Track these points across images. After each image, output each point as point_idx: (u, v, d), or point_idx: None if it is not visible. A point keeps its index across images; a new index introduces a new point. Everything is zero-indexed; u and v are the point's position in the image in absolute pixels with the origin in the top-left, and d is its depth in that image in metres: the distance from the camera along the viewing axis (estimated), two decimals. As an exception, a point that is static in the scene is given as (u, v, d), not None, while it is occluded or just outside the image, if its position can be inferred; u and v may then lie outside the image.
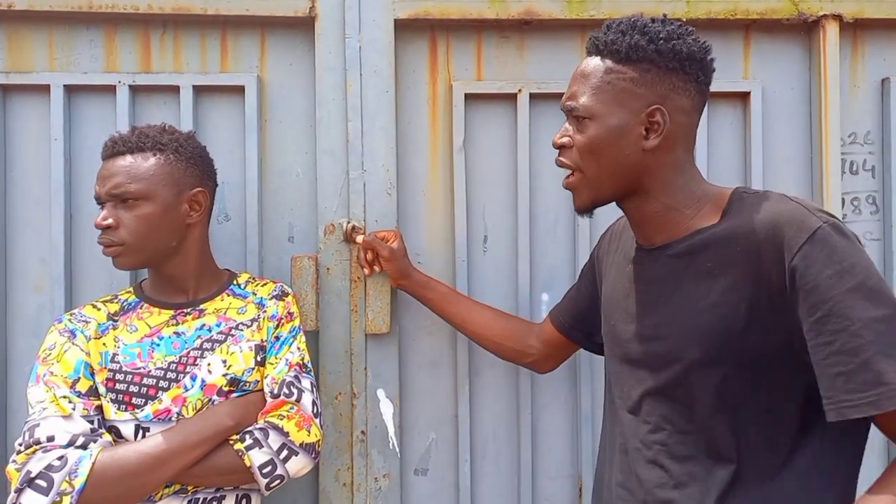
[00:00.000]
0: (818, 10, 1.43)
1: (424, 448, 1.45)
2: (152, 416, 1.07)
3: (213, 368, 1.11)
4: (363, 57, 1.39)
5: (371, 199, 1.39)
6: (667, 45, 0.88)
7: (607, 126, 0.90)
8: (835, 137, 1.44)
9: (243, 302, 1.21)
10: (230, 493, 1.11)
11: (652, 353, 0.93)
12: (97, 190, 1.12)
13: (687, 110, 0.91)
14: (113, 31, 1.41)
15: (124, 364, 1.09)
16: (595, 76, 0.92)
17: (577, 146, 0.93)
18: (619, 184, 0.94)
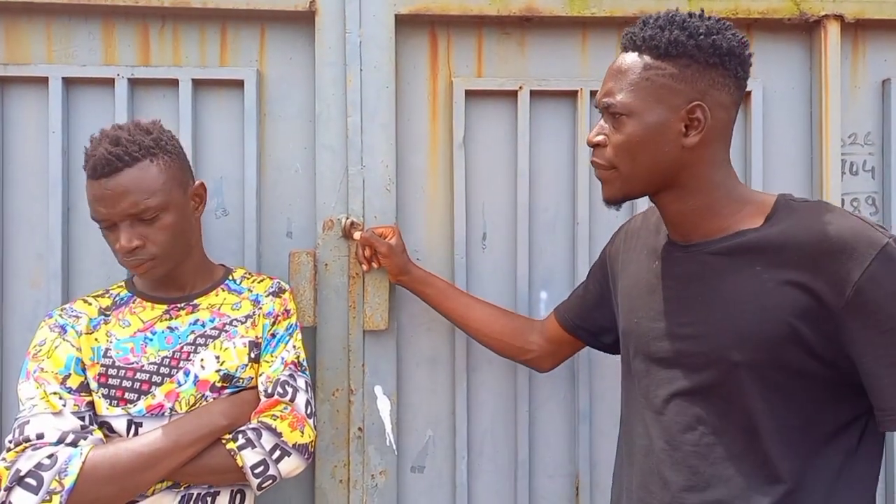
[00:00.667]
0: (819, 10, 1.43)
1: (421, 445, 1.45)
2: (145, 410, 1.06)
3: (206, 364, 1.11)
4: (363, 52, 1.38)
5: (370, 195, 1.39)
6: (707, 40, 0.87)
7: (646, 123, 0.89)
8: (835, 138, 1.44)
9: (238, 298, 1.20)
10: (224, 489, 1.11)
11: (687, 351, 0.91)
12: (103, 212, 1.04)
13: (726, 106, 0.90)
14: (112, 23, 1.40)
15: (117, 359, 1.08)
16: (633, 72, 0.89)
17: (614, 144, 0.92)
18: (655, 180, 0.92)
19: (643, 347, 0.98)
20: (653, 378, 0.96)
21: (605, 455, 1.45)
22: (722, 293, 0.89)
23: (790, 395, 0.85)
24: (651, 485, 0.94)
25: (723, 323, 0.87)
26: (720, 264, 0.90)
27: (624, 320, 1.04)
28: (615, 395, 1.45)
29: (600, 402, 1.46)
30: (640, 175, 0.92)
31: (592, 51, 1.46)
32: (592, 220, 1.45)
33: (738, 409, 0.87)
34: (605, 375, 1.46)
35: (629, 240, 1.10)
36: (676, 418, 0.92)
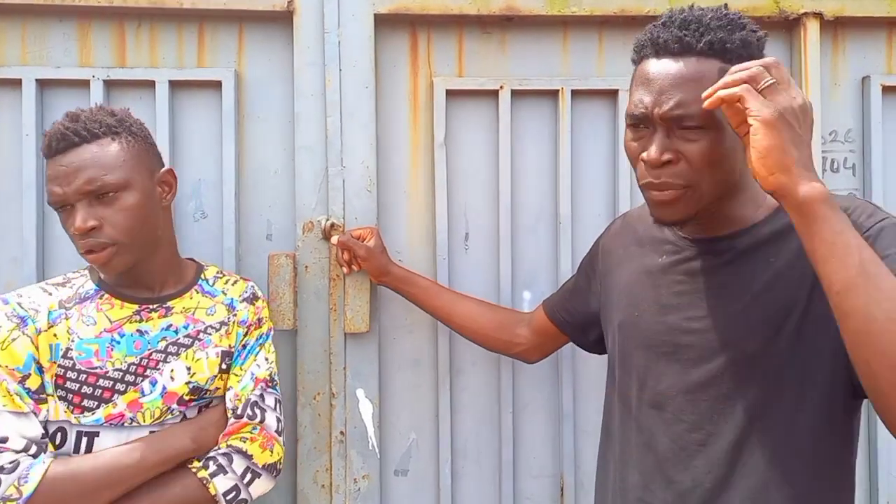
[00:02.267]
0: (799, 7, 1.43)
1: (405, 448, 1.43)
2: (104, 420, 1.00)
3: (175, 375, 1.05)
4: (342, 52, 1.37)
5: (350, 196, 1.38)
6: (762, 39, 0.85)
7: (728, 133, 0.81)
8: (815, 135, 1.44)
9: (212, 301, 1.13)
10: None
11: (696, 346, 0.89)
12: (58, 191, 0.97)
13: None
14: (87, 24, 1.38)
15: (78, 361, 1.00)
16: (707, 79, 0.80)
17: (693, 159, 0.82)
18: (726, 189, 0.86)
19: (645, 341, 0.96)
20: (654, 373, 0.94)
21: (589, 455, 1.44)
22: (734, 286, 0.88)
23: (797, 390, 0.84)
24: (652, 484, 0.93)
25: (736, 315, 0.87)
26: (733, 258, 0.89)
27: (621, 314, 1.01)
28: (598, 395, 1.43)
29: (584, 403, 1.45)
30: (717, 187, 0.85)
31: (573, 50, 1.45)
32: (575, 219, 1.44)
33: (745, 408, 0.86)
34: (589, 375, 1.46)
35: (624, 234, 1.08)
36: (682, 416, 0.90)
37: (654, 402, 0.94)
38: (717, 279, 0.90)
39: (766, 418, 0.85)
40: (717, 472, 0.87)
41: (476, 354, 1.41)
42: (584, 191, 1.46)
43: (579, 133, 1.44)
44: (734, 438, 0.86)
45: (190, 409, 1.08)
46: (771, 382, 0.85)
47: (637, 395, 0.96)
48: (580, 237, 1.44)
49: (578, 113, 1.44)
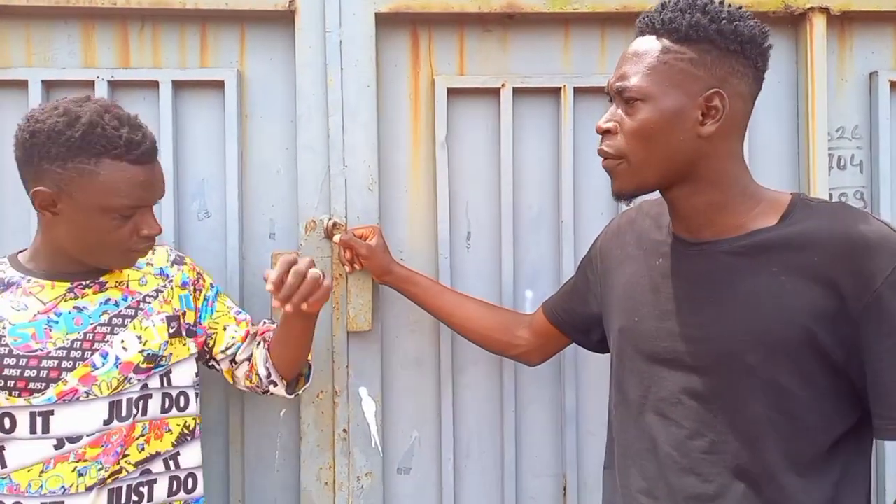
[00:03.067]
0: (805, 2, 1.41)
1: (407, 447, 1.44)
2: (56, 398, 0.99)
3: (127, 345, 1.05)
4: (344, 51, 1.37)
5: (352, 195, 1.38)
6: (729, 25, 0.84)
7: (661, 109, 0.85)
8: (822, 132, 1.42)
9: (140, 273, 1.13)
10: (162, 476, 1.08)
11: (696, 353, 0.88)
12: (146, 197, 1.02)
13: (744, 96, 0.87)
14: (91, 26, 1.39)
15: (14, 347, 0.98)
16: (650, 56, 0.86)
17: (626, 131, 0.87)
18: (668, 171, 0.88)
19: (645, 347, 0.94)
20: (655, 379, 0.93)
21: (591, 455, 1.44)
22: (736, 294, 0.86)
23: (798, 405, 0.83)
24: (656, 490, 0.92)
25: (737, 325, 0.85)
26: (734, 264, 0.87)
27: (621, 319, 1.00)
28: (602, 395, 1.43)
29: (587, 402, 1.45)
30: (653, 165, 0.87)
31: (575, 47, 1.44)
32: (577, 217, 1.44)
33: (747, 417, 0.85)
34: (592, 375, 1.45)
35: (622, 234, 1.07)
36: (684, 422, 0.89)
37: (655, 408, 0.93)
38: (716, 285, 0.88)
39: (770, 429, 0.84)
40: (718, 481, 0.86)
41: (478, 354, 1.41)
42: (587, 189, 1.45)
43: (582, 131, 1.43)
44: (736, 448, 0.85)
45: (151, 378, 1.08)
46: (773, 395, 0.83)
47: (639, 401, 0.95)
48: (582, 236, 1.43)
49: (581, 111, 1.43)
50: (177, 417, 1.11)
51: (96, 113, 0.98)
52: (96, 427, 1.02)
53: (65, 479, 1.00)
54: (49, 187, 0.98)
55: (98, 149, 0.97)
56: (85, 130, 0.97)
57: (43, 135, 0.97)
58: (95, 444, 1.02)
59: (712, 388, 0.87)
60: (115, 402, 1.04)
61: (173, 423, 1.10)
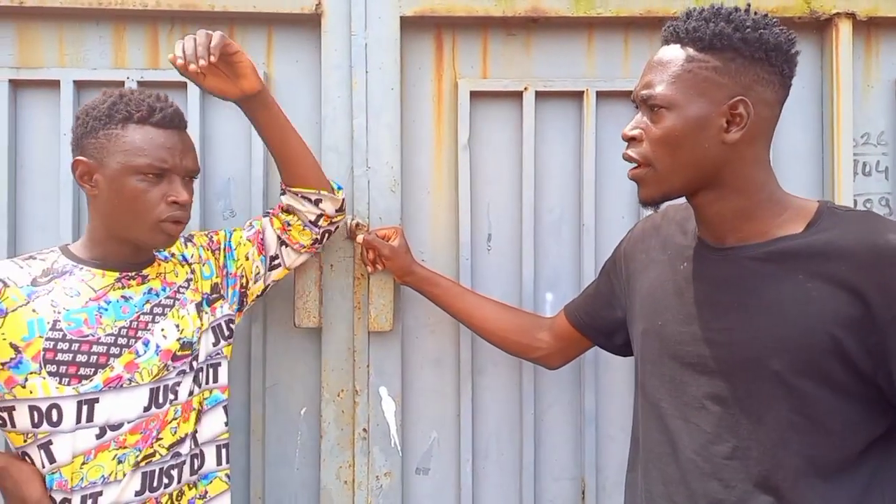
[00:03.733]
0: (831, 8, 1.41)
1: (426, 447, 1.45)
2: (102, 385, 1.02)
3: (167, 333, 1.09)
4: (369, 54, 1.39)
5: (375, 196, 1.39)
6: (754, 33, 0.85)
7: (686, 116, 0.86)
8: (847, 138, 1.42)
9: (171, 264, 1.18)
10: (188, 456, 1.10)
11: (720, 358, 0.88)
12: (169, 160, 1.04)
13: (770, 103, 0.88)
14: (122, 27, 1.42)
15: (69, 331, 1.01)
16: (675, 64, 0.88)
17: (651, 138, 0.89)
18: (693, 178, 0.89)
19: (669, 351, 0.94)
20: (679, 383, 0.93)
21: (611, 458, 1.44)
22: (761, 299, 0.86)
23: (823, 412, 0.82)
24: (676, 496, 0.91)
25: (762, 330, 0.85)
26: (760, 270, 0.87)
27: (645, 322, 1.00)
28: (622, 399, 1.44)
29: (606, 405, 1.45)
30: (679, 171, 0.89)
31: (598, 51, 1.45)
32: (598, 221, 1.44)
33: (770, 423, 0.84)
34: (612, 378, 1.45)
35: (647, 239, 1.07)
36: (706, 427, 0.89)
37: (678, 412, 0.93)
38: (741, 290, 0.88)
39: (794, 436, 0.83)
40: (741, 486, 0.86)
41: (498, 355, 1.41)
42: (608, 193, 1.45)
43: (604, 135, 1.44)
44: (759, 453, 0.85)
45: (184, 364, 1.11)
46: (797, 401, 0.83)
47: (662, 405, 0.95)
48: (603, 239, 1.43)
49: (603, 115, 1.43)
50: (199, 395, 1.14)
51: (127, 90, 1.10)
52: (137, 414, 1.04)
53: (105, 469, 1.02)
54: (86, 158, 1.06)
55: (123, 114, 1.05)
56: (113, 101, 1.06)
57: (83, 114, 1.07)
58: (135, 431, 1.04)
59: (736, 392, 0.87)
60: (154, 389, 1.07)
61: (196, 401, 1.13)
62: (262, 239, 1.28)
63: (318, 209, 1.26)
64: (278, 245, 1.29)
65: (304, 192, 1.25)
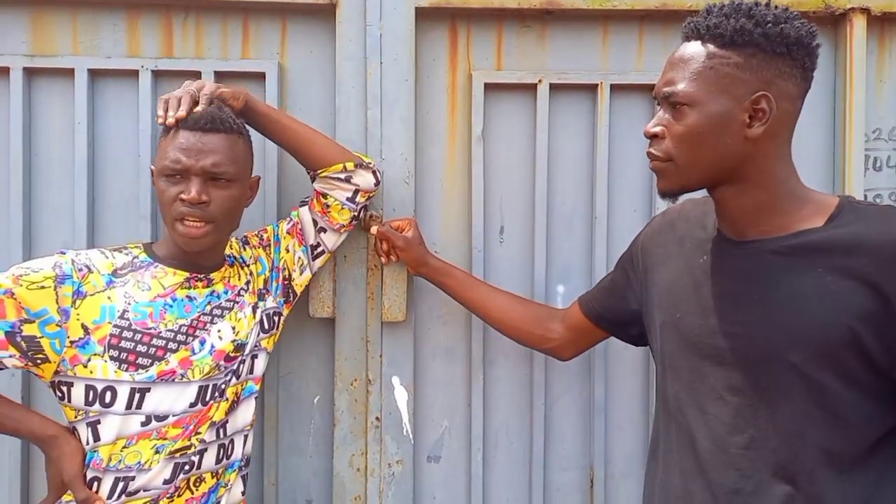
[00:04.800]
0: (845, 3, 1.41)
1: (437, 436, 1.47)
2: (156, 376, 1.06)
3: (223, 335, 1.14)
4: (383, 45, 1.39)
5: (389, 187, 1.40)
6: (775, 28, 0.85)
7: (708, 113, 0.87)
8: (859, 133, 1.42)
9: (236, 269, 1.23)
10: (211, 445, 1.13)
11: (739, 350, 0.89)
12: (185, 161, 1.06)
13: (792, 97, 0.88)
14: (136, 16, 1.42)
15: (134, 322, 1.07)
16: (696, 61, 0.88)
17: (673, 135, 0.90)
18: (715, 173, 0.90)
19: (688, 343, 0.95)
20: (697, 375, 0.94)
21: (620, 448, 1.46)
22: (781, 292, 0.87)
23: (839, 404, 0.84)
24: (693, 485, 0.93)
25: (781, 323, 0.86)
26: (780, 263, 0.88)
27: (663, 314, 1.01)
28: (631, 389, 1.46)
29: (616, 396, 1.47)
30: (701, 167, 0.90)
31: (613, 44, 1.45)
32: (610, 214, 1.45)
33: (787, 414, 0.86)
34: (622, 369, 1.47)
35: (665, 232, 1.08)
36: (724, 418, 0.90)
37: (696, 403, 0.94)
38: (761, 283, 0.89)
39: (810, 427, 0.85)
40: (758, 476, 0.87)
41: (509, 346, 1.43)
42: (621, 186, 1.46)
43: (617, 128, 1.44)
44: (776, 444, 0.86)
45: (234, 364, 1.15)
46: (815, 393, 0.84)
47: (680, 396, 0.96)
48: (616, 233, 1.44)
49: (617, 108, 1.44)
50: (234, 386, 1.16)
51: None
52: (183, 408, 1.09)
53: (143, 455, 1.06)
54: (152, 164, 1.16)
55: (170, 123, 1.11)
56: None
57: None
58: (178, 425, 1.08)
59: (753, 384, 0.88)
60: (203, 387, 1.11)
61: (230, 391, 1.15)
62: (301, 230, 1.31)
63: (351, 185, 1.27)
64: (316, 233, 1.31)
65: (330, 174, 1.26)
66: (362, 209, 1.33)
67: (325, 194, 1.29)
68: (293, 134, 1.26)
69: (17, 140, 1.38)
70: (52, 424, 1.09)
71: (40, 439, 1.07)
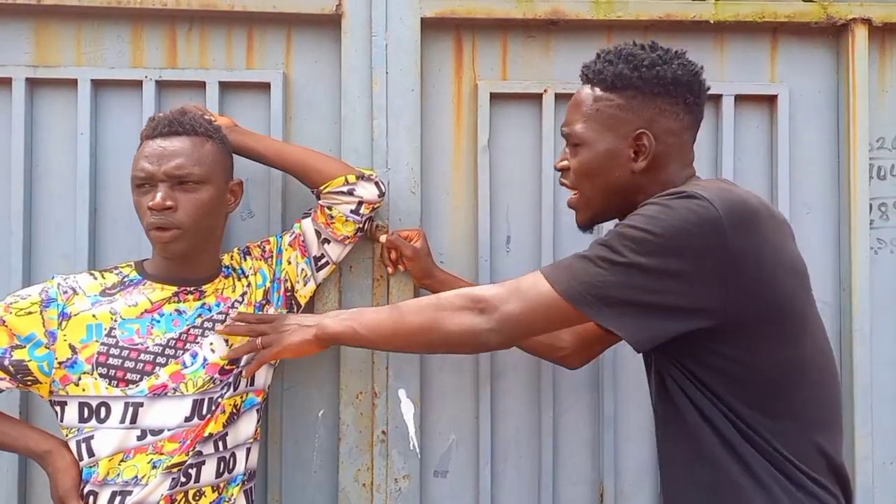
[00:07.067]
0: (847, 13, 1.42)
1: (445, 449, 1.44)
2: (147, 391, 1.06)
3: (215, 347, 1.12)
4: (389, 55, 1.39)
5: (395, 197, 1.39)
6: (650, 71, 0.95)
7: (597, 151, 0.99)
8: (863, 142, 1.43)
9: (231, 280, 1.22)
10: (210, 457, 1.11)
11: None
12: (149, 168, 1.07)
13: (675, 131, 0.98)
14: (140, 26, 1.41)
15: (121, 339, 1.07)
16: (586, 104, 1.00)
17: (573, 169, 1.02)
18: (613, 203, 1.02)
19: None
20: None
21: (629, 461, 1.44)
22: None
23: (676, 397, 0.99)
24: None
25: None
26: None
27: None
28: (640, 402, 1.44)
29: (625, 409, 1.45)
30: (601, 198, 1.02)
31: (618, 54, 1.45)
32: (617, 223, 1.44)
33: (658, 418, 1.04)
34: (630, 382, 1.45)
35: None
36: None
37: None
38: None
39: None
40: None
41: (517, 358, 1.41)
42: (627, 195, 1.46)
43: (623, 137, 1.44)
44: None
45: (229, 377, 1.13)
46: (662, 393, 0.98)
47: None
48: (622, 241, 1.43)
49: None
50: (232, 397, 1.14)
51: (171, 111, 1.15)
52: (178, 423, 1.07)
53: (139, 470, 1.05)
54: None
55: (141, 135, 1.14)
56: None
57: None
58: (174, 439, 1.07)
59: None
60: (198, 401, 1.09)
61: (227, 403, 1.13)
62: (304, 241, 1.29)
63: (354, 197, 1.26)
64: (320, 244, 1.29)
65: (332, 188, 1.26)
66: (367, 221, 1.32)
67: (329, 206, 1.28)
68: (289, 153, 1.29)
69: (18, 151, 1.36)
70: (49, 440, 1.08)
71: (35, 455, 1.08)
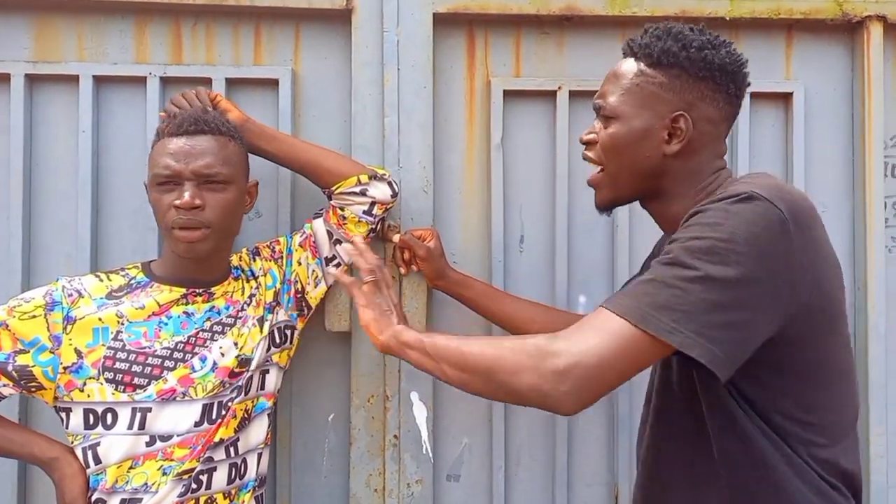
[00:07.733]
0: (862, 10, 1.41)
1: (457, 453, 1.41)
2: (155, 395, 1.04)
3: (225, 352, 1.10)
4: (401, 51, 1.36)
5: (407, 196, 1.36)
6: (699, 53, 0.91)
7: (630, 127, 0.94)
8: (878, 139, 1.42)
9: (240, 282, 1.20)
10: (221, 464, 1.08)
11: None
12: (175, 166, 1.04)
13: (714, 120, 0.94)
14: (144, 21, 1.37)
15: (128, 342, 1.05)
16: (626, 77, 0.96)
17: (601, 143, 0.97)
18: (638, 184, 0.97)
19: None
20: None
21: (646, 463, 1.42)
22: None
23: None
24: None
25: None
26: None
27: None
28: (656, 402, 1.42)
29: (639, 410, 1.41)
30: (625, 177, 0.97)
31: (633, 51, 1.43)
32: (632, 222, 1.42)
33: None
34: (645, 381, 1.42)
35: None
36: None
37: None
38: None
39: None
40: None
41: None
42: (642, 194, 1.44)
43: (637, 135, 1.42)
44: None
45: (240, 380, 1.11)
46: None
47: None
48: (637, 240, 1.41)
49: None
50: (243, 402, 1.11)
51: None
52: (187, 428, 1.05)
53: (149, 477, 1.03)
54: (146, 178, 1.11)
55: (158, 131, 1.10)
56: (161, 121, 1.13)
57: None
58: (184, 445, 1.04)
59: None
60: (208, 405, 1.07)
61: (239, 408, 1.10)
62: (315, 242, 1.26)
63: (366, 198, 1.24)
64: (332, 245, 1.26)
65: (344, 189, 1.23)
66: (380, 222, 1.29)
67: (342, 207, 1.25)
68: (301, 151, 1.25)
69: (17, 150, 1.32)
70: (55, 446, 1.06)
71: (41, 462, 1.05)
